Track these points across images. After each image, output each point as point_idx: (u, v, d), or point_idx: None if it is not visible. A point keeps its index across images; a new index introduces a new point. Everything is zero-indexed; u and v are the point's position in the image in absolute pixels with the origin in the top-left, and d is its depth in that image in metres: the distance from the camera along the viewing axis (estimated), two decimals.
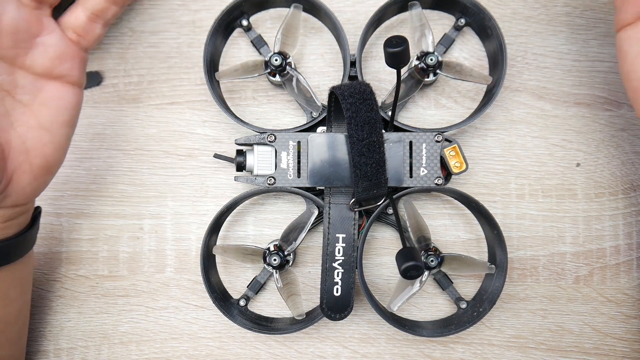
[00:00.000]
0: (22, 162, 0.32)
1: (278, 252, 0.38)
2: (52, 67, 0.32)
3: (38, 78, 0.32)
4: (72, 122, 0.34)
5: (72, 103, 0.33)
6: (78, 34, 0.34)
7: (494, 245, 0.38)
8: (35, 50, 0.32)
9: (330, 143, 0.36)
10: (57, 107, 0.33)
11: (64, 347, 0.40)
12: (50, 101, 0.32)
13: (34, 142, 0.32)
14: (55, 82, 0.33)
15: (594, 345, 0.40)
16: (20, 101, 0.32)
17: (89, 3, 0.34)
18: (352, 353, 0.40)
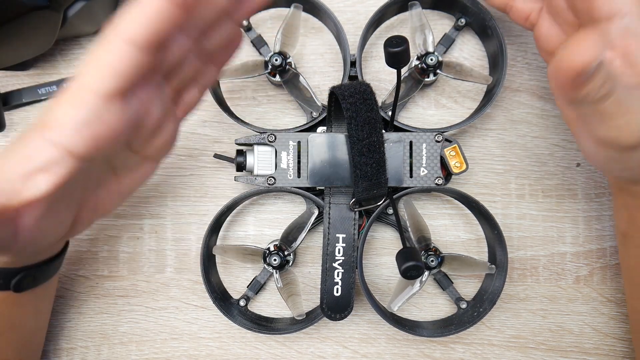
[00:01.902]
0: (87, 217, 0.30)
1: (278, 252, 0.38)
2: (160, 151, 0.30)
3: (143, 160, 0.30)
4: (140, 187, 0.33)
5: (151, 175, 0.32)
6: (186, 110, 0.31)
7: (494, 245, 0.38)
8: (156, 138, 0.29)
9: (331, 143, 0.36)
10: (139, 178, 0.31)
11: (64, 347, 0.40)
12: (139, 174, 0.31)
13: (105, 205, 0.31)
14: (152, 161, 0.31)
15: (594, 345, 0.40)
16: (116, 174, 0.30)
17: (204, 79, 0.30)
18: (352, 353, 0.40)
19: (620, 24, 0.26)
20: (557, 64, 0.26)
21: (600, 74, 0.25)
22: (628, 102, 0.26)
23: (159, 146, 0.30)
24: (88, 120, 0.23)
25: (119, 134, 0.25)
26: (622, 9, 0.26)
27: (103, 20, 0.40)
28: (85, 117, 0.23)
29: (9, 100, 0.40)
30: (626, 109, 0.26)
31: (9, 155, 0.24)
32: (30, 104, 0.41)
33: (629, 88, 0.26)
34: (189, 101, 0.30)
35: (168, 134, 0.30)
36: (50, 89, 0.40)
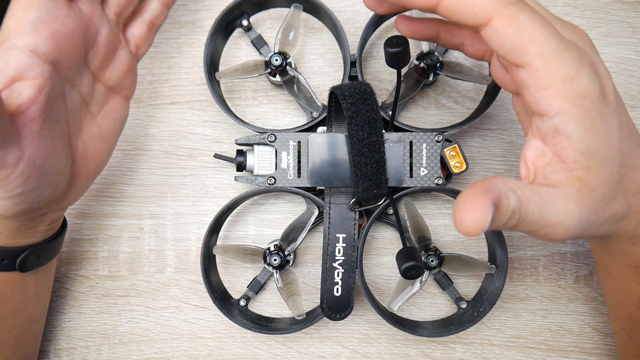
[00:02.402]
0: (82, 168, 0.33)
1: (278, 252, 0.38)
2: (120, 81, 0.34)
3: (108, 91, 0.34)
4: (121, 132, 0.36)
5: (125, 115, 0.36)
6: (138, 45, 0.36)
7: (494, 245, 0.38)
8: (112, 64, 0.34)
9: (331, 143, 0.36)
10: (115, 118, 0.35)
11: (64, 347, 0.40)
12: (112, 113, 0.35)
13: (93, 151, 0.34)
14: (118, 95, 0.35)
15: (594, 345, 0.40)
16: (90, 112, 0.33)
17: (147, 13, 0.35)
18: (353, 353, 0.40)
19: (549, 122, 0.25)
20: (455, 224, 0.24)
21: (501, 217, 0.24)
22: (543, 220, 0.25)
23: (119, 75, 0.34)
24: (41, 17, 0.27)
25: (72, 33, 0.28)
26: (550, 109, 0.25)
27: None
28: (37, 15, 0.26)
29: None
30: (542, 225, 0.25)
31: None
32: None
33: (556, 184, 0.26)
34: (138, 36, 0.35)
35: (123, 64, 0.34)
36: None
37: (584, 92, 0.25)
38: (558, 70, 0.24)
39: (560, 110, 0.25)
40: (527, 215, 0.25)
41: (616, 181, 0.26)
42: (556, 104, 0.25)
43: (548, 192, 0.25)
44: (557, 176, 0.26)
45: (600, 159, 0.26)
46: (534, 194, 0.25)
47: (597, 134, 0.25)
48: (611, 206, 0.27)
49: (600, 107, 0.25)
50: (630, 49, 0.40)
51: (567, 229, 0.26)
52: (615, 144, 0.26)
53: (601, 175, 0.26)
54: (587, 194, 0.26)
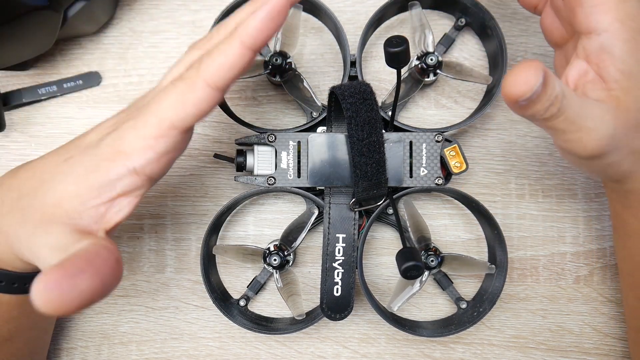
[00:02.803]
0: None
1: (278, 252, 0.38)
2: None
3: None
4: None
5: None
6: None
7: (494, 245, 0.38)
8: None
9: (330, 143, 0.36)
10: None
11: (64, 347, 0.40)
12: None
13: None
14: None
15: (594, 345, 0.40)
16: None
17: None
18: (352, 353, 0.40)
19: (596, 40, 0.27)
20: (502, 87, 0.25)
21: (546, 96, 0.25)
22: (580, 121, 0.26)
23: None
24: (167, 150, 0.26)
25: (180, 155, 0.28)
26: (599, 26, 0.26)
27: (103, 20, 0.40)
28: (165, 148, 0.26)
29: (9, 100, 0.40)
30: (578, 127, 0.26)
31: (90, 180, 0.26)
32: (30, 104, 0.41)
33: (593, 102, 0.26)
34: None
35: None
36: (50, 88, 0.40)
37: (633, 14, 0.26)
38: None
39: (609, 28, 0.26)
40: (567, 109, 0.25)
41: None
42: (605, 20, 0.26)
43: (589, 101, 0.26)
44: (596, 94, 0.27)
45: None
46: (578, 97, 0.26)
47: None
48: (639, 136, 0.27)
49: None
50: None
51: (600, 138, 0.26)
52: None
53: (638, 99, 0.26)
54: (623, 113, 0.26)
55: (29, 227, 0.26)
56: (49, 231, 0.25)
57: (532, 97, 0.24)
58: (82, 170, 0.26)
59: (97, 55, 0.41)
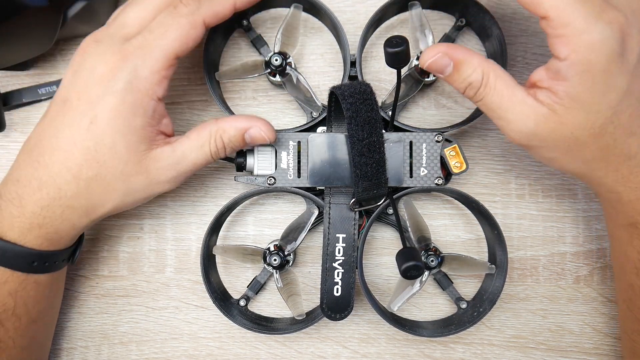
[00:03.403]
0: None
1: (278, 252, 0.38)
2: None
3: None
4: None
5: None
6: None
7: (494, 245, 0.38)
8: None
9: (331, 143, 0.36)
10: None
11: (64, 347, 0.40)
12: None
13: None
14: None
15: (594, 345, 0.40)
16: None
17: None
18: (352, 353, 0.40)
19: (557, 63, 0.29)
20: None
21: (460, 79, 0.30)
22: (499, 111, 0.30)
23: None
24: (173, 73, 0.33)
25: None
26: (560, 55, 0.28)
27: (103, 20, 0.40)
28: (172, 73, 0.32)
29: (9, 100, 0.40)
30: (497, 115, 0.30)
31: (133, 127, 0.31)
32: (30, 104, 0.41)
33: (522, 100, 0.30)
34: None
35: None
36: (50, 88, 0.40)
37: (591, 46, 0.27)
38: (570, 22, 0.27)
39: (566, 58, 0.28)
40: (485, 97, 0.30)
41: (594, 133, 0.29)
42: (564, 51, 0.28)
43: (522, 97, 0.30)
44: (545, 96, 0.29)
45: (584, 107, 0.29)
46: (508, 91, 0.30)
47: (593, 88, 0.28)
48: (581, 147, 0.30)
49: (607, 64, 0.27)
50: None
51: (519, 130, 0.30)
52: (610, 102, 0.28)
53: (576, 119, 0.29)
54: (555, 123, 0.29)
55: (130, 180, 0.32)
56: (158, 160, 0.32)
57: (443, 74, 0.30)
58: (121, 121, 0.30)
59: None
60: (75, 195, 0.31)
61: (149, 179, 0.32)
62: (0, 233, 0.31)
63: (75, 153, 0.31)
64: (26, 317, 0.33)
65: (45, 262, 0.32)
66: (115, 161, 0.31)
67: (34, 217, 0.31)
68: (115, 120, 0.30)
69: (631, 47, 0.28)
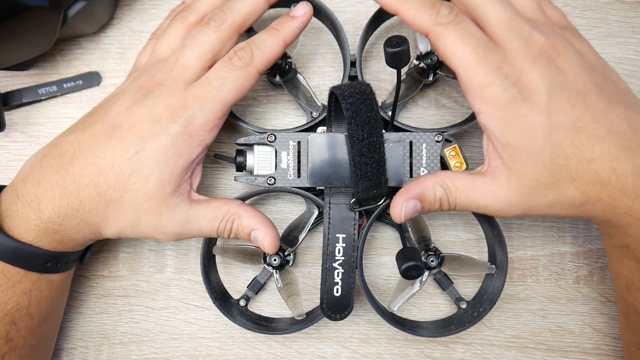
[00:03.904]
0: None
1: (278, 252, 0.38)
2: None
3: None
4: None
5: None
6: None
7: (494, 245, 0.38)
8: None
9: (330, 143, 0.36)
10: None
11: (64, 347, 0.40)
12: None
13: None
14: None
15: (594, 346, 0.40)
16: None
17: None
18: (352, 353, 0.40)
19: (479, 119, 0.31)
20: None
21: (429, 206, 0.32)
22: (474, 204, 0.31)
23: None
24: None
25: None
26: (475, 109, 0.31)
27: (103, 20, 0.40)
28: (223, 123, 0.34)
29: (9, 100, 0.40)
30: (475, 207, 0.32)
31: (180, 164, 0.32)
32: (30, 104, 0.41)
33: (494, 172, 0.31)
34: None
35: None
36: (50, 88, 0.40)
37: (495, 97, 0.29)
38: (473, 79, 0.30)
39: (480, 110, 0.30)
40: (457, 201, 0.32)
41: (554, 171, 0.30)
42: (476, 104, 0.30)
43: (482, 181, 0.31)
44: (495, 163, 0.31)
45: (523, 150, 0.30)
46: (467, 184, 0.31)
47: (514, 129, 0.30)
48: (555, 192, 0.30)
49: (516, 108, 0.29)
50: (630, 49, 0.40)
51: (499, 209, 0.31)
52: (540, 139, 0.29)
53: (528, 164, 0.30)
54: (516, 180, 0.30)
55: (143, 216, 0.32)
56: (173, 210, 0.32)
57: (418, 213, 0.32)
58: (165, 159, 0.31)
59: (97, 55, 0.41)
60: (92, 212, 0.32)
61: (157, 224, 0.33)
62: (17, 234, 0.31)
63: (109, 174, 0.31)
64: (38, 316, 0.33)
65: (57, 262, 0.33)
66: (140, 192, 0.31)
67: (50, 222, 0.31)
68: (160, 157, 0.31)
69: (533, 89, 0.29)
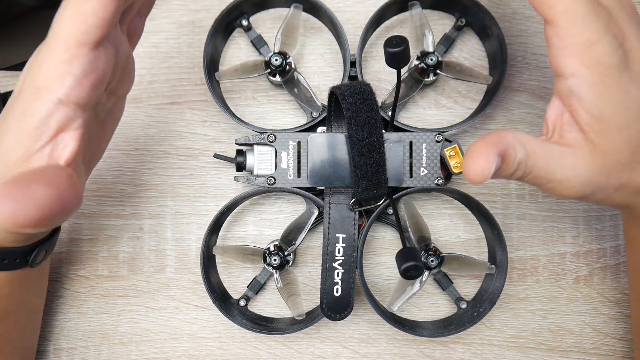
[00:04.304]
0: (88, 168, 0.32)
1: (278, 252, 0.38)
2: (126, 87, 0.32)
3: (114, 97, 0.32)
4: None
5: (123, 109, 0.34)
6: (134, 39, 0.32)
7: (494, 245, 0.38)
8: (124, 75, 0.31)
9: (330, 143, 0.36)
10: (116, 118, 0.33)
11: (64, 347, 0.40)
12: (115, 114, 0.33)
13: (96, 155, 0.33)
14: (122, 99, 0.33)
15: (594, 346, 0.40)
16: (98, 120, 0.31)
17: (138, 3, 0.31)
18: (352, 353, 0.40)
19: (565, 83, 0.26)
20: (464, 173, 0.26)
21: (508, 168, 0.26)
22: (548, 175, 0.27)
23: (127, 82, 0.32)
24: (84, 71, 0.25)
25: (106, 76, 0.27)
26: (566, 70, 0.26)
27: None
28: (82, 69, 0.25)
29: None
30: (547, 180, 0.27)
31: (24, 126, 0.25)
32: None
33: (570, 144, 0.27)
34: (133, 29, 0.32)
35: (131, 68, 0.32)
36: None
37: (601, 59, 0.25)
38: (580, 32, 0.25)
39: (575, 72, 0.26)
40: (534, 168, 0.26)
41: (634, 152, 0.27)
42: (571, 65, 0.26)
43: (559, 150, 0.27)
44: (572, 136, 0.27)
45: (615, 124, 0.26)
46: (544, 150, 0.27)
47: (612, 99, 0.26)
48: (628, 175, 0.27)
49: (619, 75, 0.26)
50: None
51: (573, 186, 0.27)
52: (634, 113, 0.26)
53: (615, 141, 0.26)
54: (600, 157, 0.26)
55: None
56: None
57: (493, 174, 0.25)
58: (15, 122, 0.26)
59: None
60: None
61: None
62: None
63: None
64: None
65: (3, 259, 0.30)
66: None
67: None
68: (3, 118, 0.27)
69: (633, 56, 0.26)
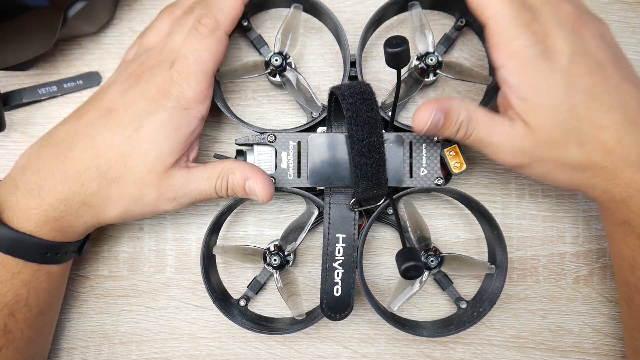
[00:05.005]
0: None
1: (278, 252, 0.38)
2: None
3: None
4: None
5: None
6: None
7: (494, 245, 0.38)
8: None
9: (330, 143, 0.36)
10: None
11: (64, 347, 0.40)
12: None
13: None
14: None
15: (594, 345, 0.40)
16: None
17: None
18: (352, 353, 0.40)
19: (499, 73, 0.32)
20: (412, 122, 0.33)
21: (451, 125, 0.32)
22: (487, 138, 0.32)
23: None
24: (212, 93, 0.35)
25: None
26: (497, 63, 0.32)
27: (103, 20, 0.40)
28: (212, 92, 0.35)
29: (9, 100, 0.40)
30: (487, 143, 0.32)
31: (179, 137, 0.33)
32: (30, 104, 0.41)
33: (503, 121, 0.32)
34: None
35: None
36: (50, 88, 0.40)
37: (520, 52, 0.31)
38: (503, 31, 0.31)
39: (503, 64, 0.31)
40: (474, 131, 0.32)
41: (566, 130, 0.31)
42: (500, 57, 0.31)
43: (500, 120, 0.32)
44: (510, 114, 0.32)
45: (539, 105, 0.31)
46: (487, 117, 0.32)
47: (534, 84, 0.31)
48: (563, 151, 0.31)
49: (539, 65, 0.31)
50: (630, 49, 0.40)
51: (510, 152, 0.32)
52: (558, 98, 0.31)
53: (543, 119, 0.31)
54: (531, 131, 0.31)
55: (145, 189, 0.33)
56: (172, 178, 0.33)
57: (437, 128, 0.32)
58: (165, 133, 0.32)
59: (97, 55, 0.41)
60: (94, 193, 0.32)
61: (159, 193, 0.33)
62: (17, 224, 0.31)
63: (109, 154, 0.32)
64: (36, 309, 0.34)
65: (57, 252, 0.33)
66: (141, 167, 0.32)
67: (51, 209, 0.32)
68: (160, 131, 0.32)
69: (557, 50, 0.31)
